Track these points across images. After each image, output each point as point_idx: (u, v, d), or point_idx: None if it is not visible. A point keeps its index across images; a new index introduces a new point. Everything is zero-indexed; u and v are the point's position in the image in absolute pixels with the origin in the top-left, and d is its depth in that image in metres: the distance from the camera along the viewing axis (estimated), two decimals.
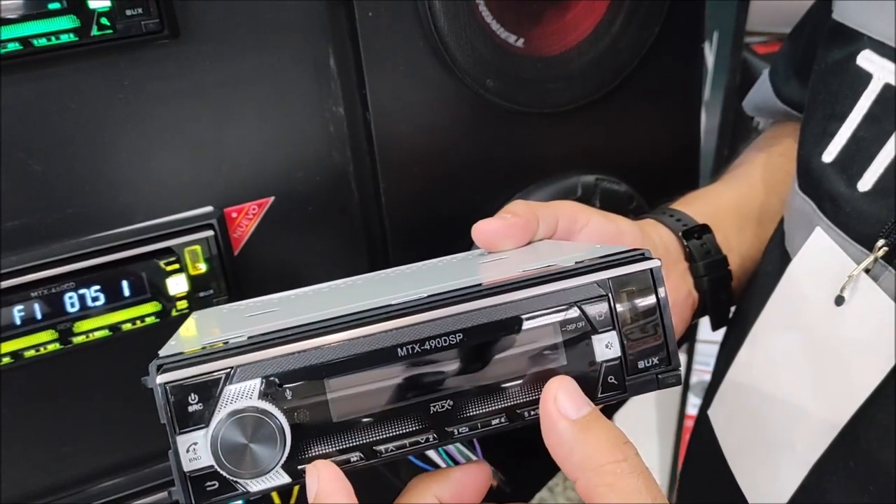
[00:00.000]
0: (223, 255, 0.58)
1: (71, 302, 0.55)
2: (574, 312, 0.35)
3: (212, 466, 0.32)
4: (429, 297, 0.34)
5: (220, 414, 0.32)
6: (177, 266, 0.56)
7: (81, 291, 0.55)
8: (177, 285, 0.57)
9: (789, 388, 0.51)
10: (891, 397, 0.43)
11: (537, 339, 0.35)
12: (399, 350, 0.33)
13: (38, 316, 0.54)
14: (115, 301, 0.56)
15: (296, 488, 0.66)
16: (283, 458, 0.32)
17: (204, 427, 0.32)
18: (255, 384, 0.32)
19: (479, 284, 0.35)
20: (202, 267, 0.57)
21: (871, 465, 0.44)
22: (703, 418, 0.62)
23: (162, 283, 0.56)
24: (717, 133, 1.34)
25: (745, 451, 0.55)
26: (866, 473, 0.45)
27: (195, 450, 0.32)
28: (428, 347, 0.34)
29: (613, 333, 0.35)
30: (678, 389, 1.63)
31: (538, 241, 0.48)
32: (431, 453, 0.56)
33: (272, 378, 0.32)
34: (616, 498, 0.31)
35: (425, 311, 0.33)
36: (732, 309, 0.62)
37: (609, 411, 0.80)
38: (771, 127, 0.73)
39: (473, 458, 0.57)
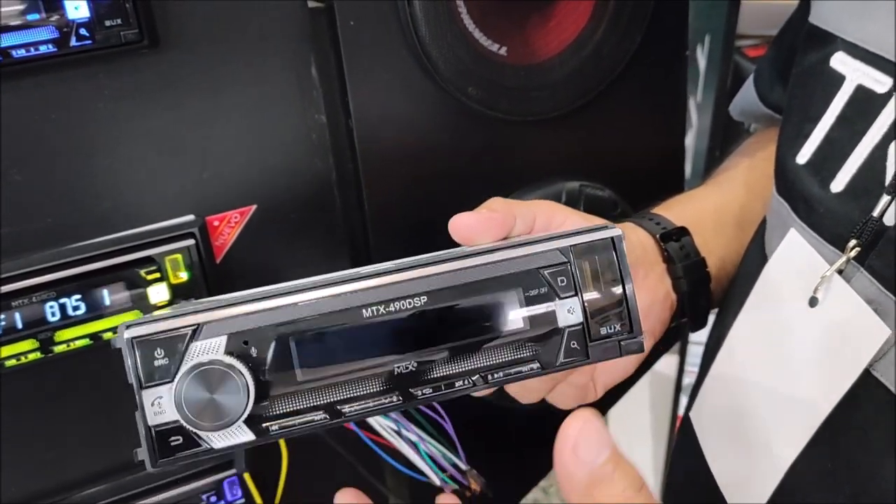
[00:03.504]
0: (205, 263, 0.58)
1: (52, 311, 0.55)
2: (536, 278, 0.35)
3: (176, 421, 0.32)
4: (396, 265, 0.35)
5: (185, 367, 0.32)
6: (157, 275, 0.56)
7: (62, 301, 0.55)
8: (158, 294, 0.57)
9: (766, 389, 0.51)
10: (864, 398, 0.43)
11: (500, 304, 0.35)
12: (364, 311, 0.34)
13: (19, 325, 0.54)
14: (95, 310, 0.56)
15: (281, 484, 0.66)
16: (246, 413, 0.33)
17: (169, 381, 0.32)
18: (221, 340, 0.33)
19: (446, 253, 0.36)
20: (183, 276, 0.57)
21: (848, 466, 0.45)
22: (686, 420, 0.62)
23: (143, 293, 0.56)
24: (709, 135, 1.35)
25: (723, 453, 0.56)
26: (843, 474, 0.45)
27: (160, 403, 0.32)
28: (392, 309, 0.34)
29: (575, 299, 0.36)
30: (671, 391, 1.63)
31: (515, 237, 0.48)
32: (417, 460, 0.56)
33: (238, 335, 0.33)
34: None
35: (391, 274, 0.34)
36: (714, 312, 0.63)
37: (604, 407, 0.80)
38: (757, 132, 0.74)
39: (458, 461, 0.57)
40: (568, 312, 0.36)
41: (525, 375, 0.35)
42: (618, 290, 0.36)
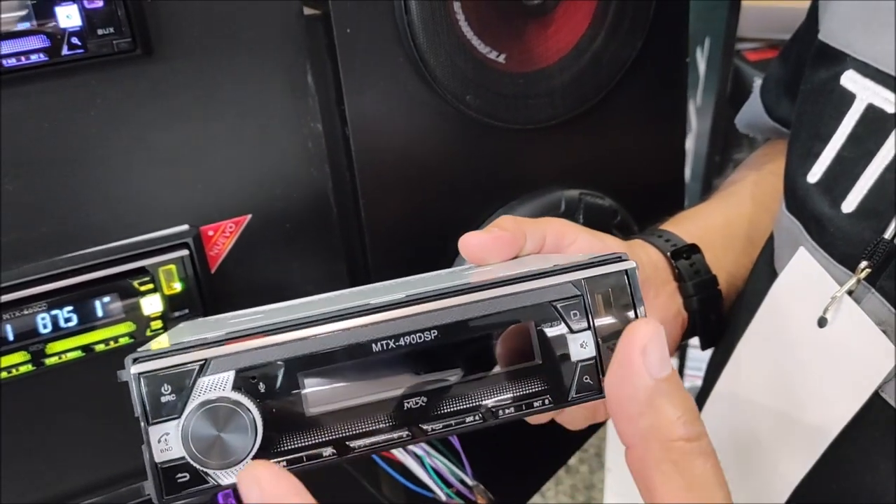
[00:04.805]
0: (199, 274, 0.57)
1: (43, 323, 0.54)
2: (549, 311, 0.35)
3: (183, 458, 0.32)
4: (406, 296, 0.34)
5: (192, 404, 0.32)
6: (151, 286, 0.56)
7: (54, 312, 0.54)
8: (151, 305, 0.56)
9: (772, 408, 0.50)
10: (873, 420, 0.43)
11: (512, 338, 0.35)
12: (374, 345, 0.34)
13: (10, 337, 0.53)
14: (87, 322, 0.55)
15: None
16: (255, 450, 0.32)
17: (176, 418, 0.32)
18: (229, 376, 0.32)
19: (457, 285, 0.35)
20: (177, 286, 0.57)
21: (855, 488, 0.44)
22: None
23: (136, 304, 0.56)
24: (708, 138, 1.34)
25: (728, 472, 0.55)
26: (850, 496, 0.45)
27: (167, 440, 0.32)
28: (402, 343, 0.34)
29: (588, 333, 0.35)
30: None
31: (525, 256, 0.48)
32: (423, 475, 0.55)
33: (245, 370, 0.33)
34: (680, 481, 0.29)
35: (401, 308, 0.34)
36: None
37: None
38: (763, 145, 0.73)
39: (464, 476, 0.56)
40: (581, 347, 0.35)
41: (536, 410, 0.35)
42: (632, 322, 0.35)
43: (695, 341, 0.63)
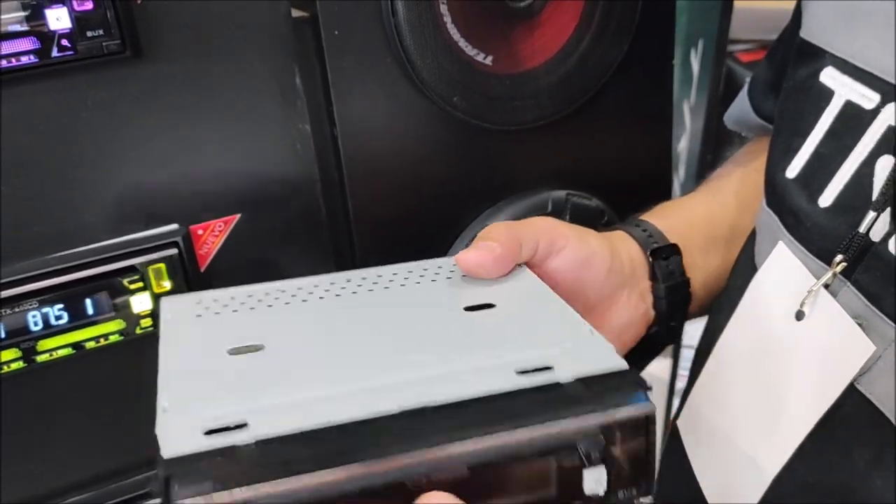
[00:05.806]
0: (188, 273, 0.58)
1: (34, 320, 0.55)
2: (570, 450, 0.36)
3: None
4: (434, 408, 0.35)
5: None
6: (140, 284, 0.57)
7: (44, 310, 0.55)
8: (141, 304, 0.57)
9: (751, 402, 0.51)
10: (849, 412, 0.44)
11: (532, 473, 0.36)
12: (406, 483, 0.34)
13: (1, 335, 0.54)
14: (78, 319, 0.56)
15: None
16: None
17: None
18: None
19: (478, 404, 0.36)
20: (167, 285, 0.57)
21: (831, 479, 0.45)
22: (673, 427, 0.63)
23: (126, 302, 0.56)
24: (701, 138, 1.35)
25: (709, 464, 0.56)
26: (826, 487, 0.45)
27: None
28: (433, 481, 0.35)
29: (602, 469, 0.36)
30: (664, 394, 1.63)
31: (520, 279, 0.49)
32: None
33: None
34: None
35: (432, 448, 0.34)
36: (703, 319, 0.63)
37: None
38: (750, 142, 0.74)
39: None
40: (594, 482, 0.37)
41: None
42: (645, 460, 0.37)
43: (691, 342, 0.63)
